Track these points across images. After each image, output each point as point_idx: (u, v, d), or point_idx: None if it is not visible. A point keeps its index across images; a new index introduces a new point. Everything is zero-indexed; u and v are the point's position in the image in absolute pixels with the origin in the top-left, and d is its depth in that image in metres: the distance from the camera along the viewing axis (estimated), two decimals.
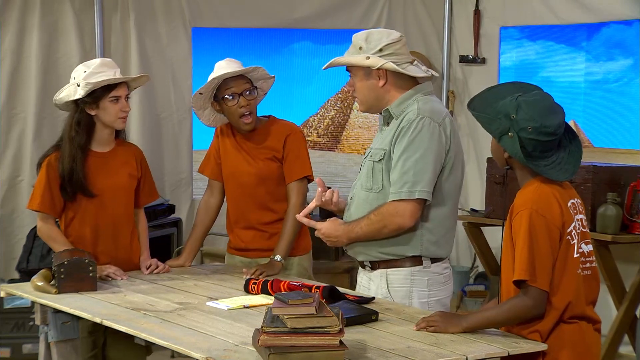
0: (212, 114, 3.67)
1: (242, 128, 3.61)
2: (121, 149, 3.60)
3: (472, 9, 5.82)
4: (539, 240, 2.55)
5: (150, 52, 5.56)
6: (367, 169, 3.10)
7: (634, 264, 4.82)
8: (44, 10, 5.32)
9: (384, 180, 3.05)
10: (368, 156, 3.13)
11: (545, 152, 2.61)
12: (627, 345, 4.95)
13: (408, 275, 3.07)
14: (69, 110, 3.52)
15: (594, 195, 4.65)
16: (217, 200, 3.78)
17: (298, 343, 2.33)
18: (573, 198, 2.67)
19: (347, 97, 6.04)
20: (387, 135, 3.09)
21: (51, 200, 3.48)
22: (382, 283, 3.10)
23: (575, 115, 5.33)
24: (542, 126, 2.57)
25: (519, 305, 2.56)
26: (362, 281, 3.21)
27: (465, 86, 5.91)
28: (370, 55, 3.06)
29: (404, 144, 3.00)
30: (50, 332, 3.22)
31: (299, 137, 3.68)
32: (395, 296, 3.07)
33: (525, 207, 2.57)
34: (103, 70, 3.45)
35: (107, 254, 3.51)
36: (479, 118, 2.68)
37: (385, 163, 3.05)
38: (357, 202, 3.14)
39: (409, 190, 2.97)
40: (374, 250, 3.10)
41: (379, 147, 3.10)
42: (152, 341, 2.68)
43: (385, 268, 3.10)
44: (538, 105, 2.60)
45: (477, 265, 5.82)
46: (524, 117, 2.58)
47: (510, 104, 2.61)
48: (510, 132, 2.59)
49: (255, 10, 5.72)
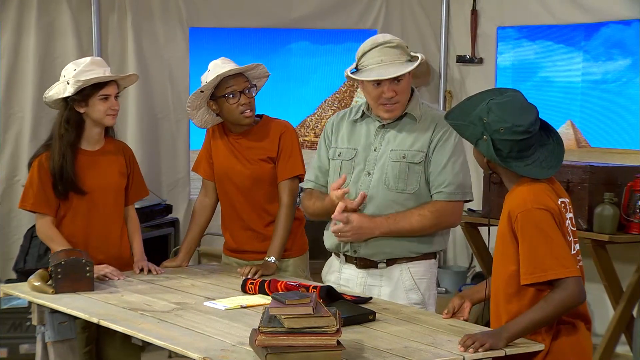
0: (206, 114, 3.66)
1: (243, 122, 3.60)
2: (110, 147, 3.60)
3: (470, 9, 5.82)
4: (552, 234, 2.54)
5: (147, 52, 5.55)
6: (398, 170, 3.13)
7: (631, 263, 4.83)
8: (41, 10, 5.32)
9: (420, 182, 3.13)
10: (396, 157, 3.14)
11: (522, 151, 2.60)
12: (624, 345, 4.96)
13: (428, 267, 3.22)
14: (58, 108, 3.52)
15: (591, 195, 4.66)
16: (211, 200, 3.77)
17: (295, 343, 2.33)
18: (562, 197, 2.67)
19: (345, 97, 6.04)
20: (417, 138, 3.14)
21: (45, 199, 3.48)
22: (404, 276, 3.17)
23: (572, 115, 5.34)
24: (513, 126, 2.57)
25: (564, 297, 2.52)
26: (366, 280, 3.21)
27: (463, 86, 5.91)
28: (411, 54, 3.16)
29: (450, 147, 3.12)
30: (47, 332, 3.22)
31: (292, 136, 3.68)
32: (421, 287, 3.19)
33: (526, 207, 2.56)
34: (93, 69, 3.45)
35: (98, 250, 3.50)
36: (455, 127, 2.70)
37: (424, 165, 3.13)
38: (380, 202, 3.15)
39: (462, 192, 3.13)
40: (404, 249, 3.16)
41: (412, 149, 3.14)
42: (150, 341, 2.68)
43: (405, 262, 3.17)
44: (508, 106, 2.60)
45: (474, 265, 5.83)
46: (495, 119, 2.59)
47: (482, 109, 2.62)
48: (484, 135, 2.60)
49: (253, 10, 5.72)
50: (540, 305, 2.54)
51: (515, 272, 2.59)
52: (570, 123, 5.32)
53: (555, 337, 2.61)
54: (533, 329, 2.56)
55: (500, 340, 2.52)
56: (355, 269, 3.24)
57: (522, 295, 2.60)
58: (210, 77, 3.53)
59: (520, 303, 2.60)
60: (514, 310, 2.61)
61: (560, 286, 2.53)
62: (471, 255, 5.77)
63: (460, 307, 2.87)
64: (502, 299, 2.65)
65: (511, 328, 2.55)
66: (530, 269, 2.54)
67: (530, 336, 2.59)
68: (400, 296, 3.16)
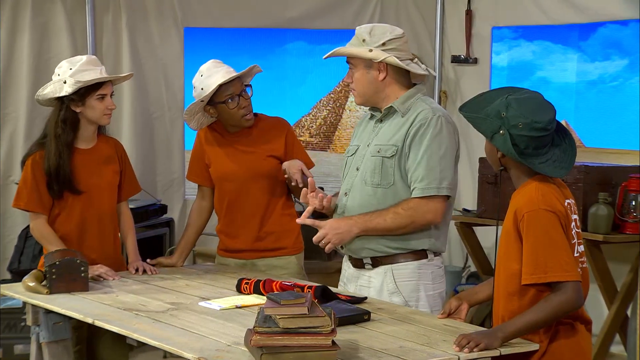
0: (202, 118, 3.67)
1: (244, 124, 3.62)
2: (104, 145, 3.60)
3: (464, 9, 5.83)
4: (556, 237, 2.54)
5: (142, 52, 5.55)
6: (373, 165, 3.10)
7: (625, 263, 4.84)
8: (35, 10, 5.31)
9: (394, 176, 3.08)
10: (374, 152, 3.12)
11: (538, 149, 2.61)
12: (619, 345, 4.97)
13: (415, 269, 3.12)
14: (51, 107, 3.52)
15: (585, 195, 4.67)
16: (208, 204, 3.78)
17: (290, 343, 2.33)
18: (568, 198, 2.67)
19: (340, 97, 6.04)
20: (395, 132, 3.11)
21: (39, 198, 3.47)
22: (387, 279, 3.12)
23: (567, 115, 5.34)
24: (532, 122, 2.58)
25: (562, 300, 2.52)
26: (359, 281, 3.20)
27: (457, 86, 5.92)
28: (374, 48, 3.09)
29: (426, 141, 3.04)
30: (42, 332, 3.21)
31: (293, 132, 3.77)
32: (403, 290, 3.11)
33: (533, 207, 2.56)
34: (89, 68, 3.45)
35: (92, 249, 3.50)
36: (470, 119, 2.68)
37: (397, 159, 3.07)
38: (359, 198, 3.13)
39: (437, 187, 3.03)
40: (381, 245, 3.11)
41: (387, 143, 3.11)
42: (144, 341, 2.67)
43: (389, 264, 3.12)
44: (528, 102, 2.61)
45: (469, 265, 5.83)
46: (514, 114, 2.58)
47: (500, 103, 2.62)
48: (502, 130, 2.60)
49: (248, 10, 5.72)
50: (538, 307, 2.55)
51: (517, 271, 2.59)
52: (565, 123, 5.33)
53: (554, 337, 2.61)
54: (529, 330, 2.57)
55: (495, 340, 2.52)
56: (352, 267, 3.24)
57: (522, 295, 2.60)
58: (207, 84, 3.53)
59: (520, 302, 2.60)
60: (514, 308, 2.61)
61: (559, 289, 2.53)
62: (466, 255, 5.78)
63: (457, 309, 2.87)
64: (503, 297, 2.65)
65: (507, 328, 2.55)
66: (531, 269, 2.55)
67: (527, 336, 2.60)
68: (384, 299, 3.12)
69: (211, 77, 3.53)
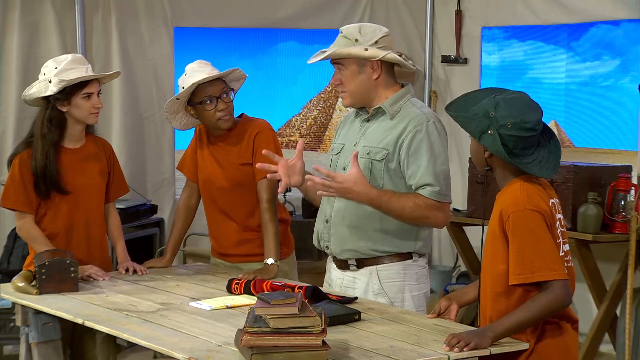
0: (184, 118, 3.63)
1: (221, 127, 3.55)
2: (92, 144, 3.58)
3: (454, 9, 5.84)
4: (542, 236, 2.55)
5: (132, 52, 5.54)
6: (362, 167, 3.06)
7: (614, 263, 4.85)
8: (24, 9, 5.29)
9: (384, 179, 3.07)
10: (363, 154, 3.09)
11: (526, 149, 2.62)
12: (608, 344, 4.98)
13: (400, 269, 3.11)
14: (38, 106, 3.50)
15: (574, 195, 4.68)
16: (195, 201, 3.76)
17: (281, 343, 2.33)
18: (553, 198, 2.68)
19: (330, 97, 6.04)
20: (385, 135, 3.09)
21: (27, 198, 3.45)
22: (372, 280, 3.11)
23: (556, 115, 5.36)
24: (521, 122, 2.58)
25: (550, 299, 2.53)
26: (343, 282, 3.19)
27: (447, 86, 5.93)
28: (368, 47, 3.08)
29: (426, 147, 3.03)
30: (31, 333, 3.20)
31: (267, 135, 3.59)
32: (389, 291, 3.10)
33: (518, 207, 2.57)
34: (75, 67, 3.43)
35: (79, 250, 3.47)
36: (458, 119, 2.69)
37: (387, 163, 3.07)
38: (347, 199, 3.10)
39: (445, 194, 3.06)
40: (365, 247, 3.10)
41: (377, 146, 3.09)
42: (135, 342, 2.67)
43: (373, 265, 3.11)
44: (516, 102, 2.62)
45: (459, 265, 5.84)
46: (503, 113, 2.59)
47: (488, 103, 2.62)
48: (490, 129, 2.60)
49: (238, 10, 5.71)
50: (526, 307, 2.56)
51: (504, 272, 2.60)
52: (554, 123, 5.35)
53: (541, 337, 2.62)
54: (518, 329, 2.57)
55: (485, 339, 2.53)
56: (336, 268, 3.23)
57: (509, 295, 2.61)
58: (187, 83, 3.50)
59: (507, 302, 2.61)
60: (501, 309, 2.62)
61: (547, 288, 2.54)
62: (456, 255, 5.79)
63: (447, 309, 2.87)
64: (490, 297, 2.66)
65: (496, 328, 2.56)
66: (518, 269, 2.55)
67: (515, 336, 2.60)
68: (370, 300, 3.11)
69: (192, 76, 3.50)
